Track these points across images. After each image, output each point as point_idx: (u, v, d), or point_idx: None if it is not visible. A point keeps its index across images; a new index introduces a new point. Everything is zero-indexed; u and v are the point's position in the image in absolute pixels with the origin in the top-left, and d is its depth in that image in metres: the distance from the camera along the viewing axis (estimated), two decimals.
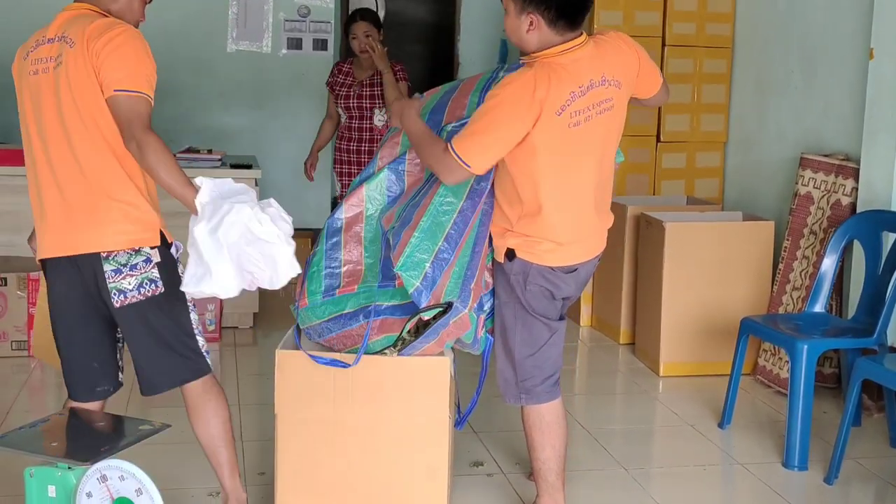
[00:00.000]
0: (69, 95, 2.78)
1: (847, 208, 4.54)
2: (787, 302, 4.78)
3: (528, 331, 3.13)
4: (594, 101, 2.93)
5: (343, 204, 3.34)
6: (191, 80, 6.73)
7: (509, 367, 3.18)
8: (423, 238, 3.01)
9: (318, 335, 3.24)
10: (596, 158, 3.03)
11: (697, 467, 3.88)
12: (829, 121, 4.92)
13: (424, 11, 9.95)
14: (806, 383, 3.85)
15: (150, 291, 2.84)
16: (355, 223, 3.30)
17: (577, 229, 3.07)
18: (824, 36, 4.94)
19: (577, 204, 3.04)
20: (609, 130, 3.04)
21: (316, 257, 3.30)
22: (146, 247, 2.83)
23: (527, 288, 3.07)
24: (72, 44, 2.79)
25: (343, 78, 5.47)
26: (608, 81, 2.96)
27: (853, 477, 3.78)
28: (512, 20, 2.95)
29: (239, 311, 5.50)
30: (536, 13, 2.89)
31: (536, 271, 3.06)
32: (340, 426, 3.14)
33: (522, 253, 3.05)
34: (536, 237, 3.03)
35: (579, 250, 3.11)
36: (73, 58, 2.78)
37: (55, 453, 2.74)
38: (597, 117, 2.95)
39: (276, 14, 6.76)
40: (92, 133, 2.79)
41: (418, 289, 2.97)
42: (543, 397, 3.16)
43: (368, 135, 5.43)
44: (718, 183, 5.92)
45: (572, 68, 2.89)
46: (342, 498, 3.18)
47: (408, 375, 3.14)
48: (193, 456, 3.74)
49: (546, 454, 3.19)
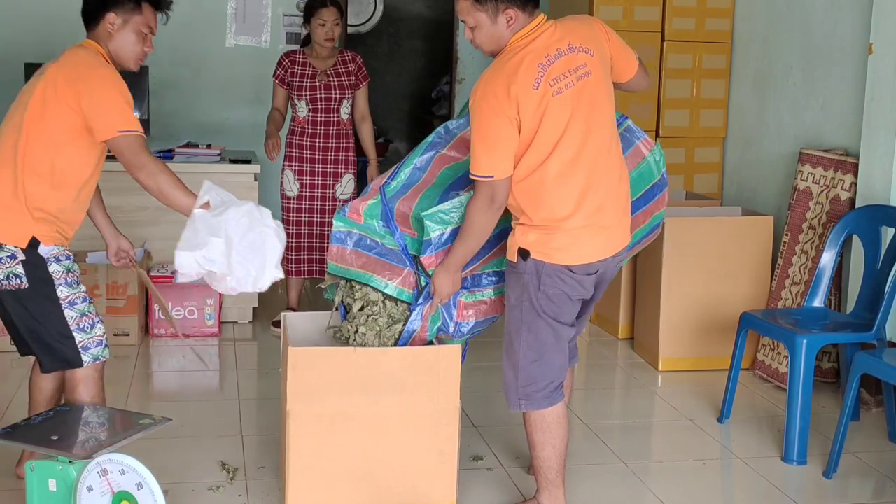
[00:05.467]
0: (35, 107, 3.06)
1: (846, 203, 4.54)
2: (787, 297, 4.78)
3: (534, 334, 3.09)
4: (568, 68, 2.93)
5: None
6: (190, 75, 6.71)
7: (511, 372, 3.17)
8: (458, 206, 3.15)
9: (355, 244, 3.29)
10: (585, 126, 2.97)
11: (696, 462, 3.89)
12: (828, 116, 4.92)
13: (423, 7, 9.96)
14: (805, 378, 3.85)
15: (14, 285, 3.03)
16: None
17: (582, 202, 2.97)
18: (823, 31, 4.94)
19: (577, 175, 2.97)
20: (594, 98, 2.99)
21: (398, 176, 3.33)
22: (9, 245, 3.02)
23: (540, 289, 3.03)
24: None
25: (302, 69, 5.20)
26: (576, 49, 2.96)
27: (852, 471, 3.79)
28: (488, 28, 2.96)
29: (238, 306, 5.50)
30: (512, 6, 2.92)
31: (551, 271, 3.01)
32: (352, 418, 3.16)
33: (536, 253, 3.01)
34: (546, 223, 2.98)
35: (594, 244, 3.03)
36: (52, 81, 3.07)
37: (56, 447, 2.75)
38: (577, 83, 2.94)
39: (274, 9, 6.74)
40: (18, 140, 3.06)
41: (431, 241, 3.13)
42: (544, 403, 3.14)
43: (335, 129, 5.24)
44: (717, 178, 5.92)
45: (535, 45, 2.92)
46: (354, 488, 3.20)
47: (420, 365, 3.17)
48: (194, 450, 3.75)
49: (546, 453, 3.18)
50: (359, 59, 5.33)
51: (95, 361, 3.12)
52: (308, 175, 5.27)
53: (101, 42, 3.18)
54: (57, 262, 3.07)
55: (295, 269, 5.33)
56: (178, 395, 4.27)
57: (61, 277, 3.06)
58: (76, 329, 3.08)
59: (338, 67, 5.25)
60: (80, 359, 3.10)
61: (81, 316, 3.09)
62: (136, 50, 3.21)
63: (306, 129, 5.24)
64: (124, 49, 3.19)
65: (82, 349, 3.09)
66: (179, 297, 5.19)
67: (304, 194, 5.28)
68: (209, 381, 4.84)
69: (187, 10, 6.63)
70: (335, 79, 5.23)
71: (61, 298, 3.06)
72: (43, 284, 3.04)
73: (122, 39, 3.19)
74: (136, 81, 5.77)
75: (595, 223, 3.01)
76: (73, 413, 2.99)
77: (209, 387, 4.75)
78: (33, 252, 3.03)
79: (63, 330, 3.07)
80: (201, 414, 4.18)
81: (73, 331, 3.07)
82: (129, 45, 3.20)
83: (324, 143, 5.25)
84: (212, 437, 3.91)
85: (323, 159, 5.25)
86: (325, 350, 3.18)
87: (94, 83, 3.01)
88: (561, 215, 2.97)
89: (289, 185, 5.31)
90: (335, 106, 5.23)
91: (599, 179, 3.01)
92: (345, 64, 5.29)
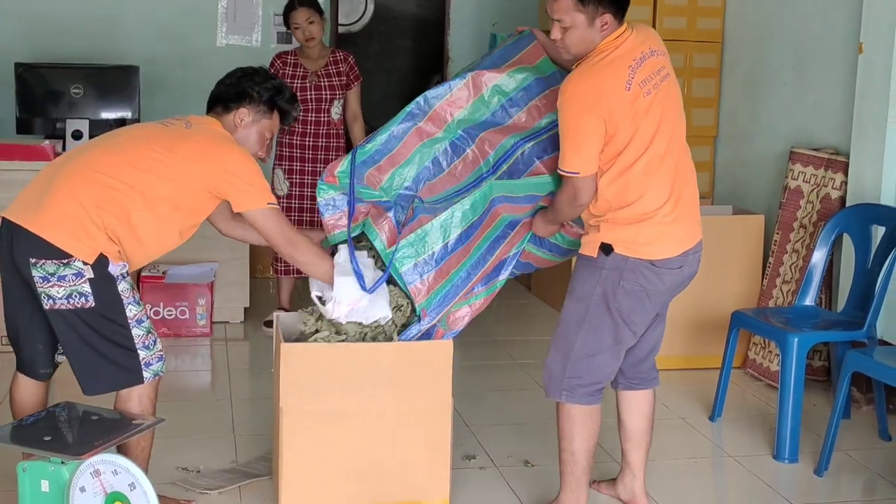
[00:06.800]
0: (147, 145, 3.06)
1: (836, 202, 4.55)
2: (778, 295, 4.79)
3: (595, 331, 3.08)
4: (652, 70, 3.02)
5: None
6: (181, 75, 6.70)
7: (559, 363, 3.14)
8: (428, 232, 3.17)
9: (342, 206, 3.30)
10: (672, 123, 3.06)
11: (688, 460, 3.90)
12: (818, 115, 4.93)
13: (414, 6, 9.95)
14: (796, 376, 3.86)
15: (77, 304, 2.89)
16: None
17: (671, 195, 3.02)
18: (814, 30, 4.95)
19: (668, 169, 3.02)
20: (674, 98, 3.10)
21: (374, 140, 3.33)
22: (78, 261, 2.88)
23: (620, 284, 3.03)
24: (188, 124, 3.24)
25: (293, 70, 5.22)
26: (656, 52, 3.06)
27: (843, 469, 3.80)
28: (583, 31, 2.98)
29: (230, 306, 5.49)
30: (608, 11, 2.97)
31: (634, 266, 3.02)
32: (345, 415, 3.17)
33: (621, 248, 3.02)
34: (637, 217, 3.00)
35: (678, 235, 3.06)
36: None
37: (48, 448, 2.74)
38: (661, 84, 3.03)
39: (265, 8, 6.73)
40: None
41: (410, 269, 3.14)
42: (584, 399, 3.12)
43: (325, 129, 5.25)
44: (708, 177, 5.93)
45: (624, 47, 2.99)
46: (347, 485, 3.20)
47: (413, 360, 3.19)
48: (188, 450, 3.75)
49: (576, 445, 3.14)
50: (350, 59, 5.33)
51: (154, 377, 3.04)
52: (298, 175, 5.27)
53: (225, 129, 3.20)
54: (123, 280, 2.98)
55: (285, 268, 5.33)
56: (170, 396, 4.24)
57: (129, 296, 2.97)
58: (141, 347, 2.99)
59: (329, 68, 5.25)
60: (141, 376, 3.00)
61: (147, 333, 3.01)
62: (253, 150, 3.23)
63: (296, 129, 5.23)
64: (243, 146, 3.19)
65: (145, 366, 3.00)
66: (171, 297, 5.19)
67: (293, 193, 5.28)
68: (201, 382, 4.83)
69: (178, 10, 6.63)
70: (325, 79, 5.23)
71: (130, 318, 2.97)
72: (112, 304, 2.93)
73: (246, 136, 3.22)
74: (127, 80, 5.79)
75: (680, 215, 3.06)
76: (65, 414, 2.98)
77: (201, 387, 4.74)
78: (102, 270, 2.91)
79: (129, 348, 2.97)
80: (193, 414, 4.18)
81: (138, 349, 2.99)
82: (249, 144, 3.22)
83: (314, 143, 5.26)
84: (204, 437, 3.90)
85: (313, 159, 5.25)
86: (318, 346, 3.18)
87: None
88: (653, 207, 3.01)
89: (279, 184, 5.30)
90: (326, 107, 5.23)
91: (682, 173, 3.09)
92: (336, 64, 5.29)
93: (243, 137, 3.21)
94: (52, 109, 5.66)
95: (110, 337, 2.94)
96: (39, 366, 3.09)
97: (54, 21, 6.42)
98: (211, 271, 5.32)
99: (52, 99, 5.66)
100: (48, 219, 2.88)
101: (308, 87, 5.20)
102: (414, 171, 3.30)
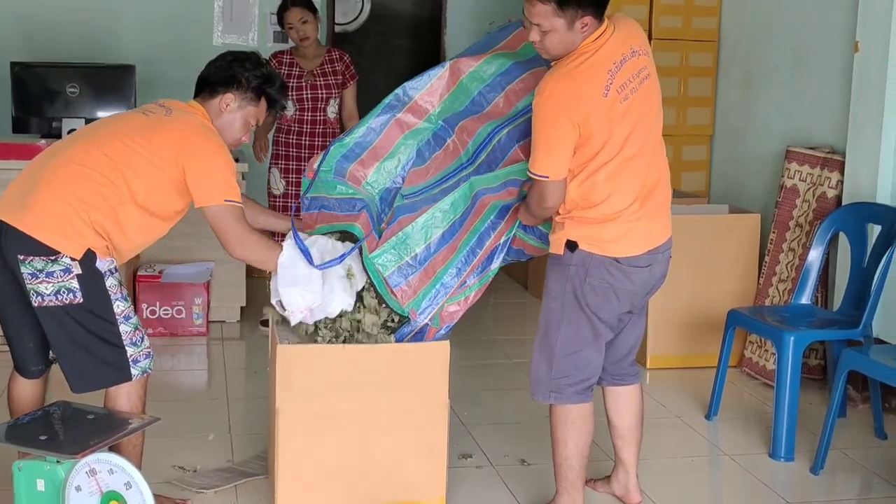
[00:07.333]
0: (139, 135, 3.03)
1: (832, 201, 4.56)
2: (774, 294, 4.80)
3: (573, 328, 3.09)
4: (632, 73, 2.97)
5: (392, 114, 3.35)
6: (178, 74, 6.66)
7: (544, 364, 3.15)
8: (412, 232, 3.14)
9: (319, 208, 3.32)
10: (647, 125, 3.03)
11: (684, 459, 3.90)
12: (814, 114, 4.94)
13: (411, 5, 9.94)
14: (792, 375, 3.87)
15: (66, 300, 2.89)
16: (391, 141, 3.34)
17: (639, 194, 3.02)
18: (810, 30, 4.96)
19: (638, 169, 3.01)
20: (652, 98, 3.07)
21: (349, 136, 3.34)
22: (66, 257, 2.88)
23: (586, 280, 3.03)
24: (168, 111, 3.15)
25: (289, 69, 5.21)
26: (637, 52, 3.00)
27: (839, 467, 3.80)
28: (562, 34, 2.93)
29: (226, 305, 5.49)
30: (587, 13, 2.91)
31: (599, 263, 3.02)
32: (342, 415, 3.16)
33: (585, 244, 3.02)
34: (604, 217, 3.00)
35: (644, 231, 3.05)
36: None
37: (44, 447, 2.73)
38: (640, 87, 2.99)
39: (261, 7, 6.73)
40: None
41: (394, 273, 3.14)
42: (574, 398, 3.13)
43: (321, 128, 5.25)
44: (705, 176, 5.94)
45: (604, 50, 2.94)
46: (344, 485, 3.20)
47: (410, 361, 3.18)
48: (184, 449, 3.74)
49: (568, 451, 3.15)
50: (347, 58, 5.33)
51: (143, 374, 3.03)
52: (294, 173, 5.27)
53: (209, 113, 3.17)
54: (111, 275, 2.97)
55: None
56: (166, 395, 4.25)
57: (117, 292, 2.97)
58: (129, 343, 2.98)
59: (325, 67, 5.25)
60: (129, 373, 2.99)
61: (134, 330, 3.00)
62: (236, 136, 3.21)
63: (293, 128, 5.24)
64: (227, 130, 3.18)
65: (132, 362, 2.99)
66: (167, 296, 5.18)
67: (290, 192, 5.28)
68: (197, 381, 4.83)
69: (175, 9, 6.62)
70: (321, 79, 5.23)
71: (117, 314, 2.97)
72: (100, 300, 2.93)
73: (231, 120, 3.19)
74: (122, 79, 5.78)
75: (646, 214, 3.05)
76: (61, 413, 2.98)
77: (197, 386, 4.74)
78: (90, 266, 2.91)
79: (117, 345, 2.97)
80: (189, 413, 4.17)
81: (126, 345, 2.98)
82: (233, 129, 3.20)
83: (310, 142, 5.25)
84: (200, 437, 3.90)
85: (309, 158, 5.20)
86: (314, 347, 3.17)
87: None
88: (619, 208, 3.00)
89: (275, 183, 5.31)
90: (321, 106, 5.23)
91: (653, 172, 3.08)
92: (332, 63, 5.29)
93: (228, 122, 3.19)
94: (48, 109, 5.65)
95: (98, 333, 2.94)
96: (31, 363, 3.10)
97: (50, 20, 6.41)
98: (207, 270, 5.32)
99: (48, 98, 5.66)
100: (35, 215, 2.88)
101: (304, 87, 5.21)
102: (398, 164, 3.31)
